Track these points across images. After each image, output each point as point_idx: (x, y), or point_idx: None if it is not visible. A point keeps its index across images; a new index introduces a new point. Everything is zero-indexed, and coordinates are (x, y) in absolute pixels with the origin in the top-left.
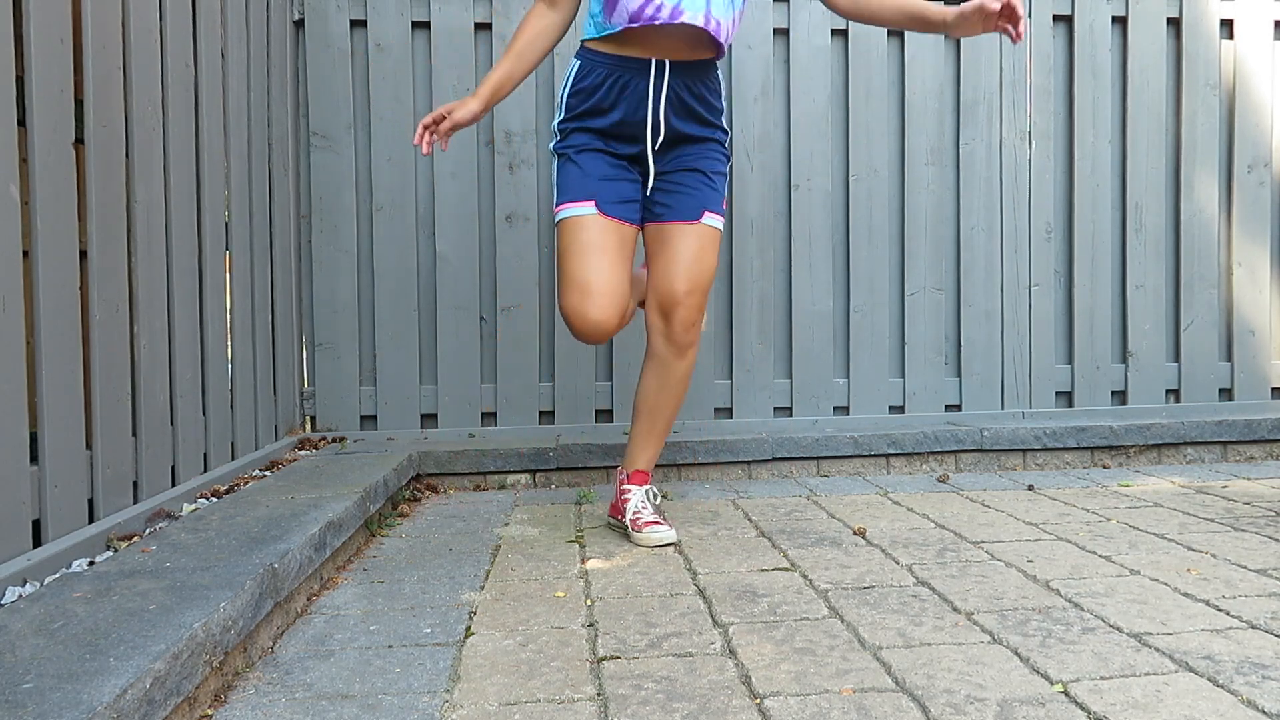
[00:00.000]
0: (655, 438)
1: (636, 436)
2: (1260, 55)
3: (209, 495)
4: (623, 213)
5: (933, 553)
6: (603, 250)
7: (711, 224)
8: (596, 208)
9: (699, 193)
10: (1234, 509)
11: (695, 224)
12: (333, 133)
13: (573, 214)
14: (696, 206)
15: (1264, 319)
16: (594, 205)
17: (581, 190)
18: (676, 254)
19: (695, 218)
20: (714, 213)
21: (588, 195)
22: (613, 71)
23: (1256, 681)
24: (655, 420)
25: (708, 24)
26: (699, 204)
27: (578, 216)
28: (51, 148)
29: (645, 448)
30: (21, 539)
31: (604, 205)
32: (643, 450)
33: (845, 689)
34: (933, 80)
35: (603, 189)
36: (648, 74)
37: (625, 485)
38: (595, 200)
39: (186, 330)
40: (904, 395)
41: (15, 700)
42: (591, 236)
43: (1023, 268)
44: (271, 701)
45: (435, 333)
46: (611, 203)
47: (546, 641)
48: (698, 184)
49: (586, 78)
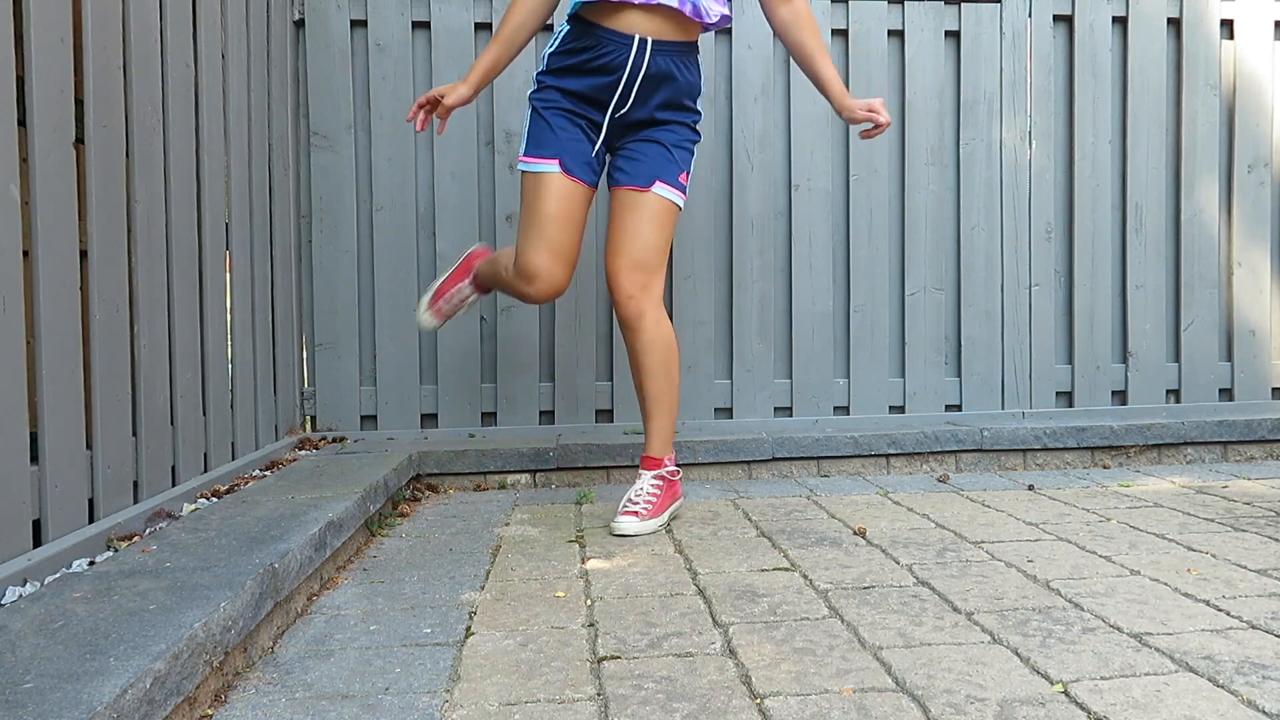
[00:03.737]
0: (651, 420)
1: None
2: (1260, 55)
3: (209, 495)
4: (583, 174)
5: (933, 553)
6: (568, 217)
7: (662, 194)
8: (561, 167)
9: (653, 162)
10: (1234, 509)
11: (645, 192)
12: (333, 133)
13: (539, 169)
14: (649, 174)
15: (1264, 319)
16: (559, 165)
17: (548, 147)
18: (622, 228)
19: (646, 185)
20: (667, 184)
21: (553, 154)
22: (599, 41)
23: (1257, 682)
24: (645, 402)
25: (682, 5)
26: (652, 172)
27: (543, 173)
28: (51, 148)
29: (651, 433)
30: (22, 539)
31: (567, 165)
32: (649, 435)
33: (845, 689)
34: (933, 80)
35: (566, 149)
36: (629, 50)
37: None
38: (560, 160)
39: (187, 330)
40: (904, 395)
41: (15, 700)
42: (558, 200)
43: (1023, 267)
44: (271, 701)
45: (435, 333)
46: (575, 164)
47: (547, 641)
48: (655, 154)
49: (574, 41)
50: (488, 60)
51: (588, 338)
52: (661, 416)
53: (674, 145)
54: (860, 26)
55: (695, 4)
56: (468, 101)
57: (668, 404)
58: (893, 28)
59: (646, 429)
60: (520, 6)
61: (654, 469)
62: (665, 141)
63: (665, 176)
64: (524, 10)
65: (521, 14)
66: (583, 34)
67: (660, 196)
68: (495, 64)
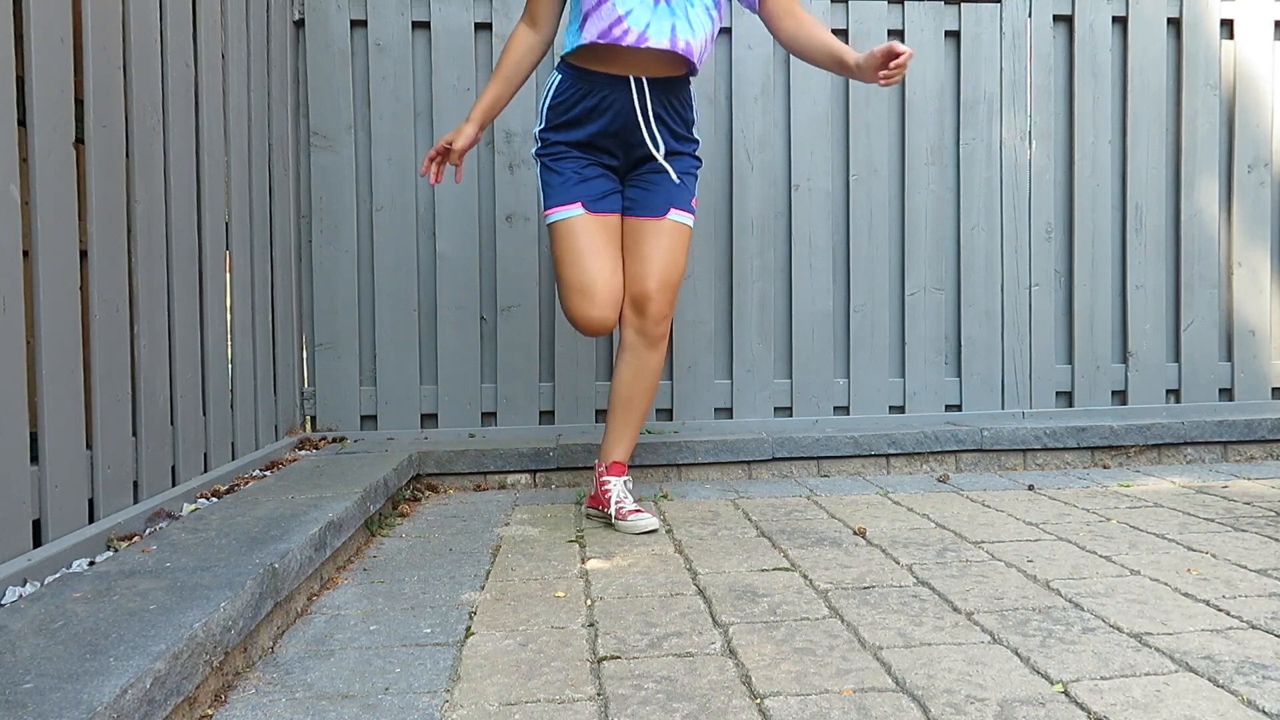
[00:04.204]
0: (631, 429)
1: (613, 429)
2: (1260, 55)
3: (209, 495)
4: (606, 206)
5: (933, 553)
6: (594, 252)
7: (677, 220)
8: (584, 208)
9: (664, 190)
10: (1234, 509)
11: (661, 219)
12: (333, 133)
13: (562, 217)
14: (663, 203)
15: (1264, 319)
16: (581, 206)
17: (566, 194)
18: (647, 253)
19: (661, 213)
20: (680, 209)
21: (573, 199)
22: (591, 87)
23: (1257, 681)
24: (630, 412)
25: (674, 45)
26: (666, 201)
27: (567, 219)
28: (52, 148)
29: (621, 439)
30: (22, 539)
31: (589, 204)
32: (618, 442)
33: (845, 689)
34: (933, 80)
35: (585, 190)
36: (627, 90)
37: (605, 477)
38: (581, 202)
39: (186, 330)
40: (904, 395)
41: (15, 700)
42: (582, 239)
43: (1023, 267)
44: (272, 701)
45: (435, 333)
46: (595, 200)
47: (546, 641)
48: (665, 183)
49: (565, 91)
50: (489, 98)
51: (588, 338)
52: (638, 428)
53: (682, 173)
54: (860, 26)
55: (688, 43)
56: (476, 142)
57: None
58: (893, 27)
59: (623, 438)
60: (517, 43)
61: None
62: (673, 170)
63: (678, 203)
64: (521, 46)
65: (519, 51)
66: (577, 79)
67: (676, 221)
68: (497, 101)
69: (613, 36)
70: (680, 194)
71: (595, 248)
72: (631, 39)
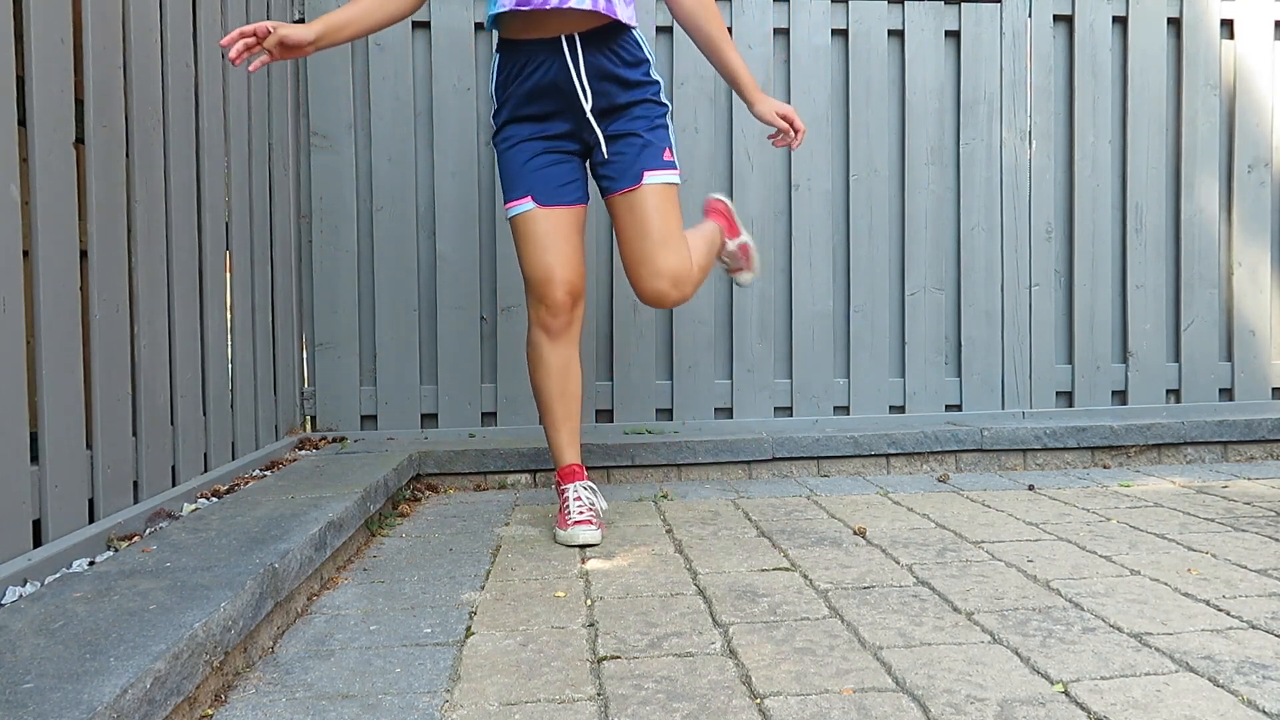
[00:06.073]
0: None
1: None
2: (1260, 55)
3: (209, 495)
4: (562, 197)
5: (933, 553)
6: (547, 246)
7: (654, 181)
8: (534, 202)
9: (632, 156)
10: (1234, 509)
11: (639, 188)
12: (333, 133)
13: (516, 212)
14: (634, 172)
15: (1264, 319)
16: (531, 201)
17: (520, 185)
18: (635, 232)
19: (635, 183)
20: (655, 169)
21: (525, 190)
22: (526, 57)
23: (1257, 681)
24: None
25: (595, 4)
26: (636, 168)
27: (522, 214)
28: (52, 148)
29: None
30: (22, 539)
31: (541, 197)
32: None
33: (845, 689)
34: (933, 80)
35: (538, 180)
36: (560, 50)
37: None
38: (532, 195)
39: (187, 330)
40: (904, 395)
41: (15, 700)
42: (536, 232)
43: (1023, 268)
44: (272, 701)
45: (435, 333)
46: (549, 191)
47: (547, 641)
48: (631, 148)
49: (504, 68)
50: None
51: (588, 338)
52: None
53: (647, 130)
54: (860, 26)
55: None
56: (304, 46)
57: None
58: (893, 27)
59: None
60: None
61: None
62: (638, 130)
63: (650, 164)
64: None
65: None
66: (512, 52)
67: (653, 184)
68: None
69: (533, 3)
70: (650, 154)
71: (549, 239)
72: (553, 1)
